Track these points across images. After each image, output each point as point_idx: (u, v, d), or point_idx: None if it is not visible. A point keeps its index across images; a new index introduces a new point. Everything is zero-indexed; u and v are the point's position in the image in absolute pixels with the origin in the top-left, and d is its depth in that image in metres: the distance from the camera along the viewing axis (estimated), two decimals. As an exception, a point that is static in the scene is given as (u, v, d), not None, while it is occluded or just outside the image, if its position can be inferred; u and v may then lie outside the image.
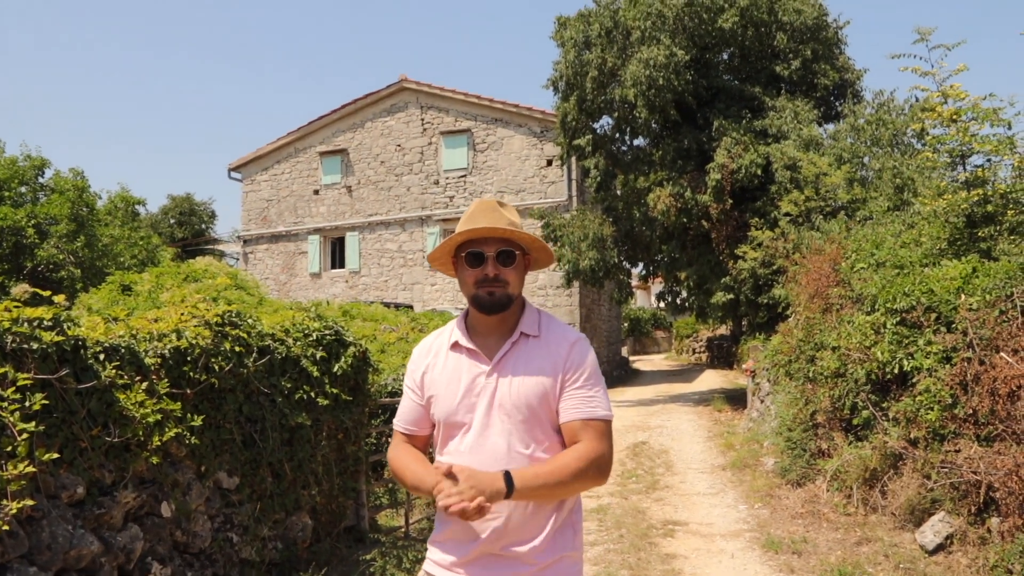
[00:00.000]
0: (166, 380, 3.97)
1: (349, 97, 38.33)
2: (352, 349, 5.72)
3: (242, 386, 4.70)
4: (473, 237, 2.10)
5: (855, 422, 7.29)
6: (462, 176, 23.93)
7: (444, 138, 24.22)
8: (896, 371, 6.73)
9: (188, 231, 44.94)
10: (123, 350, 3.78)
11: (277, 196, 26.58)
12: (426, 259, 2.32)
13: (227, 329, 4.65)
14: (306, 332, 5.49)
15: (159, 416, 3.76)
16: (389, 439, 7.77)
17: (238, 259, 28.20)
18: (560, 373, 2.08)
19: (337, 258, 26.07)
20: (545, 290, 22.53)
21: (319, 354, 5.40)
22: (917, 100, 14.68)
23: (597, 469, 2.03)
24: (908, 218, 9.85)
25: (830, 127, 17.07)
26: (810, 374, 8.24)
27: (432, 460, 2.16)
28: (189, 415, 4.01)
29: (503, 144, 23.54)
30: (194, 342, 4.31)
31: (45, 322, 3.21)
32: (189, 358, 4.25)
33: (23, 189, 24.06)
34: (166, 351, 4.11)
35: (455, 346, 2.16)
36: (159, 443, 3.73)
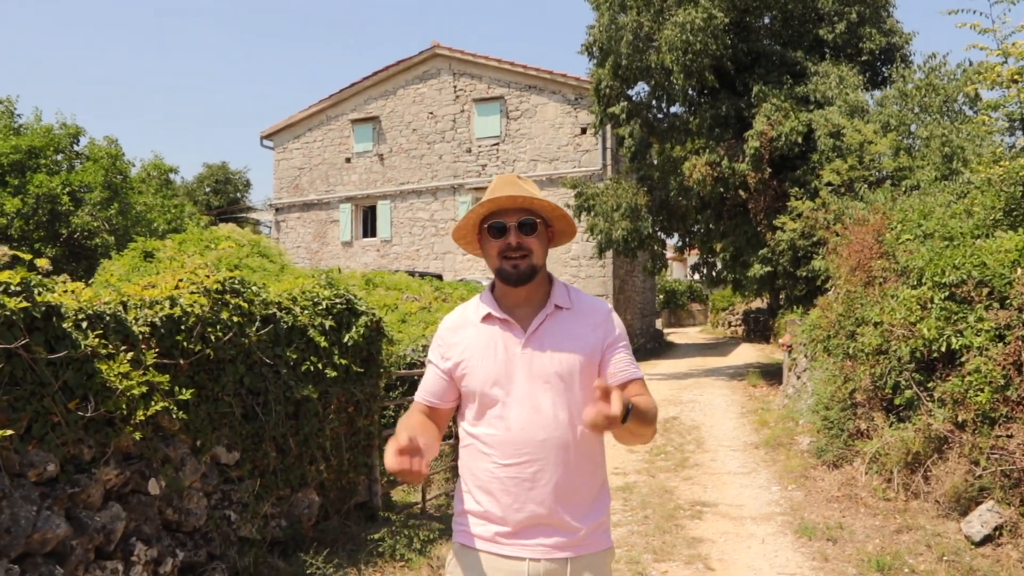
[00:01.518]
0: (154, 350, 3.73)
1: (381, 64, 38.01)
2: (364, 318, 5.46)
3: (243, 357, 4.46)
4: (494, 208, 2.12)
5: (897, 402, 6.89)
6: (495, 144, 23.53)
7: (477, 105, 23.80)
8: (943, 349, 6.30)
9: (223, 199, 45.24)
10: (108, 318, 3.55)
11: (309, 164, 26.42)
12: (451, 235, 2.19)
13: (227, 297, 4.40)
14: (315, 300, 5.23)
15: (145, 388, 3.53)
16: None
17: (271, 227, 28.19)
18: (603, 341, 2.13)
19: (369, 227, 25.91)
20: (578, 260, 22.16)
21: (328, 323, 5.14)
22: (971, 64, 13.98)
23: (656, 413, 2.12)
24: (959, 187, 9.31)
25: (876, 94, 16.35)
26: (850, 350, 7.83)
27: (451, 435, 2.08)
28: (177, 388, 3.76)
29: (536, 112, 23.07)
30: (189, 310, 4.06)
31: (12, 287, 2.97)
32: (183, 327, 4.01)
33: (59, 157, 24.17)
34: (157, 319, 3.86)
35: (487, 318, 2.15)
36: (143, 417, 3.49)
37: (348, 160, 25.77)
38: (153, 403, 3.56)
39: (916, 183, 11.92)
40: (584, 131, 22.27)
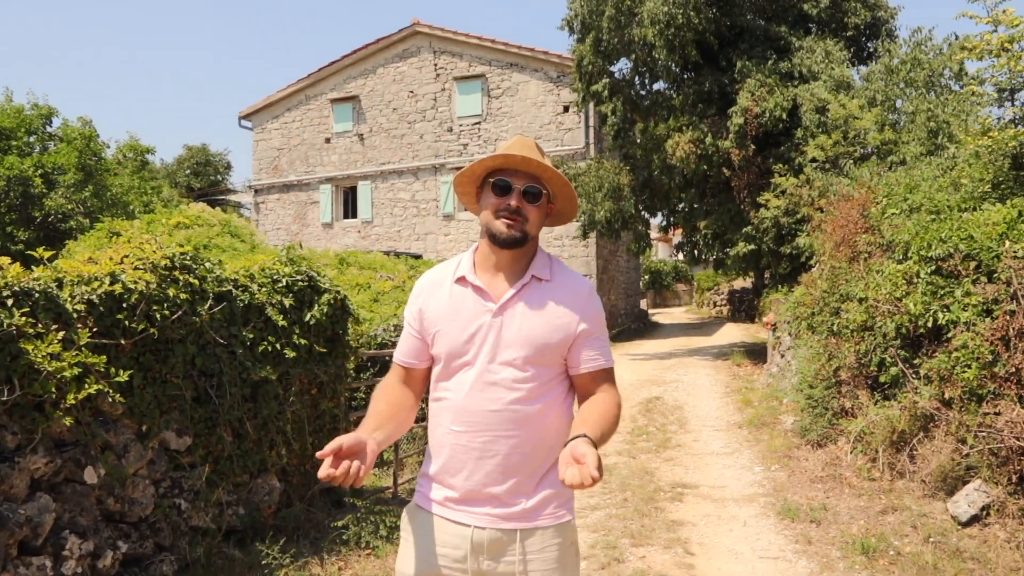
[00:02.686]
0: (88, 330, 3.47)
1: (360, 42, 37.33)
2: (327, 296, 5.20)
3: (194, 336, 4.21)
4: (506, 166, 2.05)
5: (882, 380, 6.72)
6: (476, 123, 23.19)
7: (458, 84, 23.43)
8: (929, 325, 6.12)
9: (204, 181, 44.67)
10: (37, 294, 3.28)
11: (288, 145, 25.99)
12: (454, 181, 2.03)
13: (176, 274, 4.14)
14: (274, 278, 4.97)
15: (78, 370, 3.27)
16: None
17: (251, 209, 27.78)
18: (577, 323, 2.05)
19: (349, 208, 25.54)
20: (561, 240, 21.91)
21: (287, 302, 4.88)
22: (957, 38, 13.81)
23: (619, 416, 2.07)
24: (945, 161, 9.13)
25: (861, 69, 16.13)
26: (834, 327, 7.64)
27: (424, 416, 2.19)
28: (114, 370, 3.51)
29: (518, 90, 22.73)
30: (132, 287, 3.80)
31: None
32: (125, 305, 3.74)
33: (31, 139, 23.63)
34: (95, 297, 3.60)
35: (461, 280, 2.09)
36: (75, 400, 3.23)
37: (328, 140, 25.37)
38: (86, 386, 3.30)
39: (902, 158, 11.74)
40: (567, 109, 21.96)
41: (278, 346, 4.71)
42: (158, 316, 3.88)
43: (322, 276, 5.37)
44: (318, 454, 1.80)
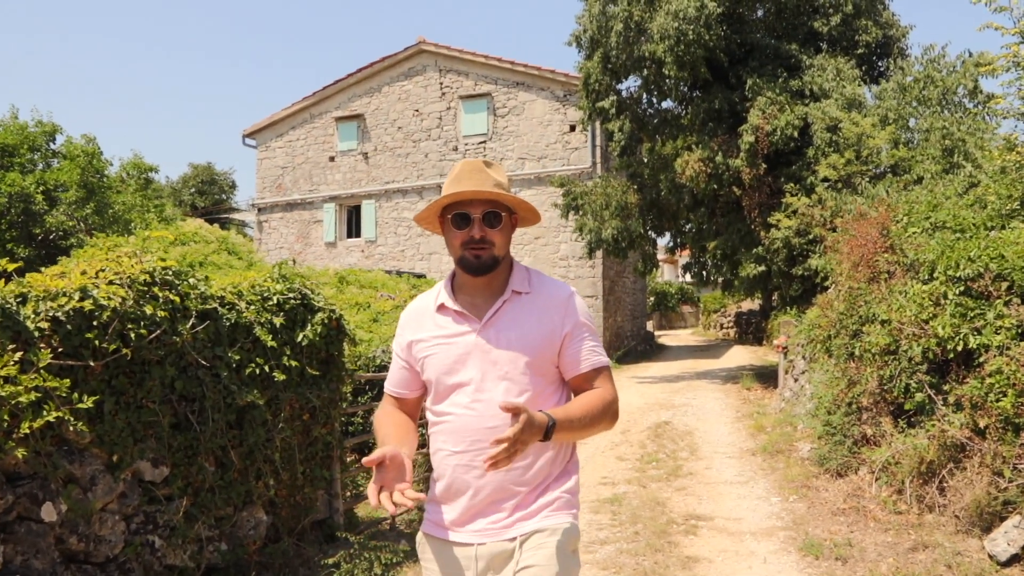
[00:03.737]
0: (51, 350, 3.15)
1: (366, 61, 37.18)
2: (321, 315, 4.89)
3: (174, 358, 3.89)
4: (459, 199, 2.08)
5: (907, 407, 6.37)
6: (482, 142, 22.97)
7: (463, 103, 23.24)
8: (959, 349, 5.78)
9: (209, 200, 44.57)
10: (-7, 311, 2.98)
11: (292, 163, 25.79)
12: (413, 219, 1.93)
13: (156, 290, 3.83)
14: (264, 295, 4.66)
15: (36, 395, 2.96)
16: (378, 418, 6.99)
17: (253, 228, 27.55)
18: (561, 327, 2.09)
19: (353, 227, 25.28)
20: (567, 260, 21.61)
21: (277, 321, 4.57)
22: (971, 55, 13.55)
23: (613, 412, 2.11)
24: (965, 179, 8.82)
25: (873, 88, 15.87)
26: (854, 351, 7.30)
27: (425, 443, 2.25)
28: (76, 395, 3.19)
29: (524, 109, 22.52)
30: (105, 303, 3.49)
31: None
32: (95, 323, 3.43)
33: (34, 156, 23.46)
34: (61, 314, 3.29)
35: (441, 308, 2.14)
36: (29, 429, 2.92)
37: (332, 159, 25.16)
38: (45, 413, 2.98)
39: (917, 177, 11.44)
40: (573, 128, 21.73)
41: (267, 368, 4.39)
42: (133, 336, 3.57)
43: (316, 294, 5.06)
44: (364, 461, 1.88)
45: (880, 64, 17.00)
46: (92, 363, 3.38)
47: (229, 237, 10.15)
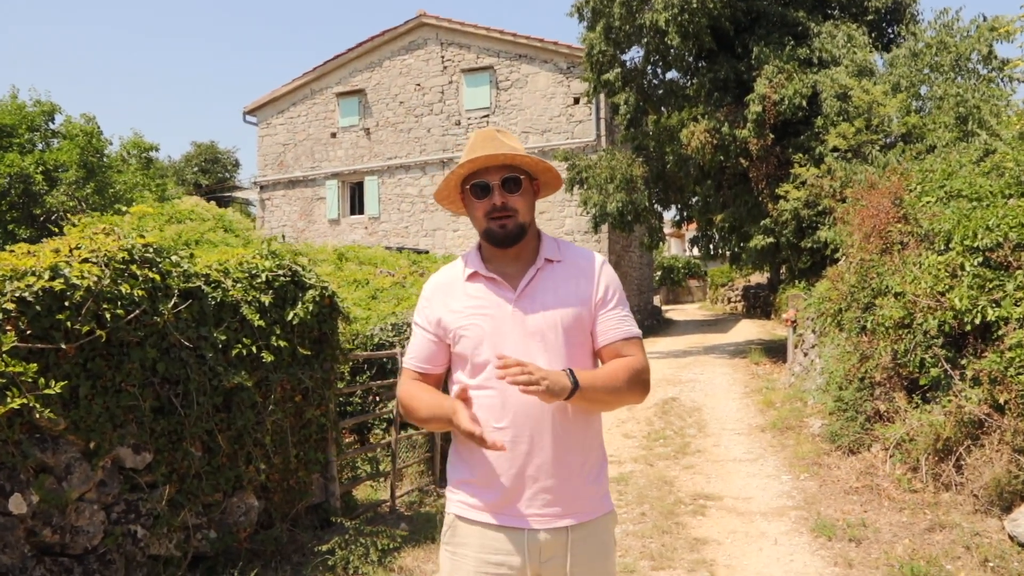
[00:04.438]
0: (14, 333, 2.97)
1: (366, 34, 36.58)
2: (312, 293, 4.70)
3: (156, 339, 3.71)
4: (475, 168, 2.04)
5: (922, 382, 6.16)
6: (485, 116, 22.65)
7: (465, 76, 22.90)
8: (977, 322, 5.56)
9: (212, 179, 44.36)
10: (-48, 291, 2.79)
11: (294, 140, 25.52)
12: (433, 197, 1.80)
13: (134, 268, 3.63)
14: (252, 272, 4.47)
15: (1, 381, 2.77)
16: (377, 397, 6.81)
17: (256, 206, 27.35)
18: (593, 295, 2.05)
19: (356, 204, 25.06)
20: (572, 235, 21.37)
21: (266, 299, 4.37)
22: (985, 19, 13.18)
23: (643, 382, 2.04)
24: (982, 145, 8.54)
25: (884, 55, 15.50)
26: (867, 324, 7.08)
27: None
28: (43, 380, 3.01)
29: (527, 82, 22.18)
30: (78, 282, 3.30)
31: None
32: (67, 303, 3.25)
33: (33, 136, 23.22)
34: (29, 294, 3.10)
35: (473, 276, 2.06)
36: (-9, 418, 2.74)
37: (334, 135, 24.88)
38: (9, 399, 2.80)
39: (930, 145, 11.16)
40: (577, 101, 21.40)
41: (254, 348, 4.20)
42: (109, 316, 3.38)
43: (307, 271, 4.87)
44: (489, 445, 1.82)
45: (890, 31, 16.62)
46: (64, 346, 3.20)
47: (226, 215, 9.96)
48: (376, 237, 23.86)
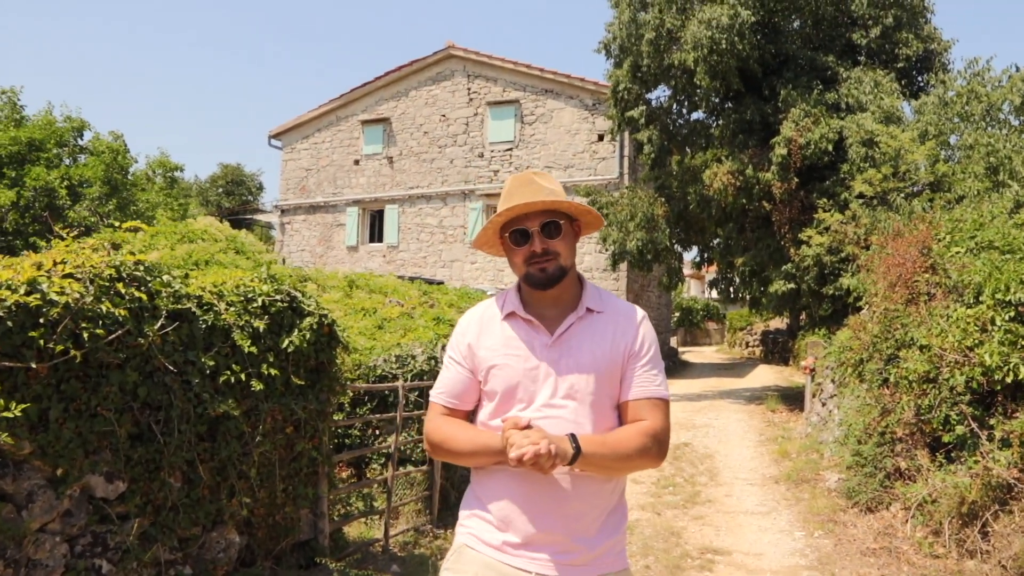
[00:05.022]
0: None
1: (393, 64, 36.82)
2: (309, 320, 4.52)
3: (139, 362, 3.53)
4: (514, 215, 2.01)
5: (946, 440, 5.87)
6: (508, 149, 22.63)
7: (491, 109, 22.93)
8: (1008, 380, 5.28)
9: (236, 201, 44.71)
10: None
11: (317, 165, 25.62)
12: (471, 245, 1.86)
13: (119, 286, 3.47)
14: (248, 296, 4.30)
15: (-43, 401, 2.60)
16: (377, 431, 6.60)
17: (276, 229, 27.41)
18: (627, 349, 2.01)
19: (376, 231, 25.02)
20: (591, 272, 21.17)
21: (260, 324, 4.20)
22: (1018, 70, 12.96)
23: (659, 447, 1.99)
24: (1015, 196, 8.30)
25: (912, 102, 15.29)
26: (890, 377, 6.81)
27: (424, 460, 2.42)
28: (2, 402, 2.83)
29: (552, 117, 22.16)
30: (56, 299, 3.14)
31: None
32: (42, 320, 3.08)
33: (61, 151, 23.48)
34: (1, 310, 2.94)
35: (511, 316, 2.03)
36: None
37: (356, 162, 24.95)
38: (-38, 421, 2.63)
39: (959, 196, 10.90)
40: (601, 138, 21.33)
41: (243, 376, 4.02)
42: (87, 336, 3.21)
43: (307, 297, 4.69)
44: (513, 435, 1.80)
45: (920, 79, 16.43)
46: (35, 365, 3.03)
47: (239, 236, 9.86)
48: (394, 266, 23.78)
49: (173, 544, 3.69)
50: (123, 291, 3.49)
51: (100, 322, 3.31)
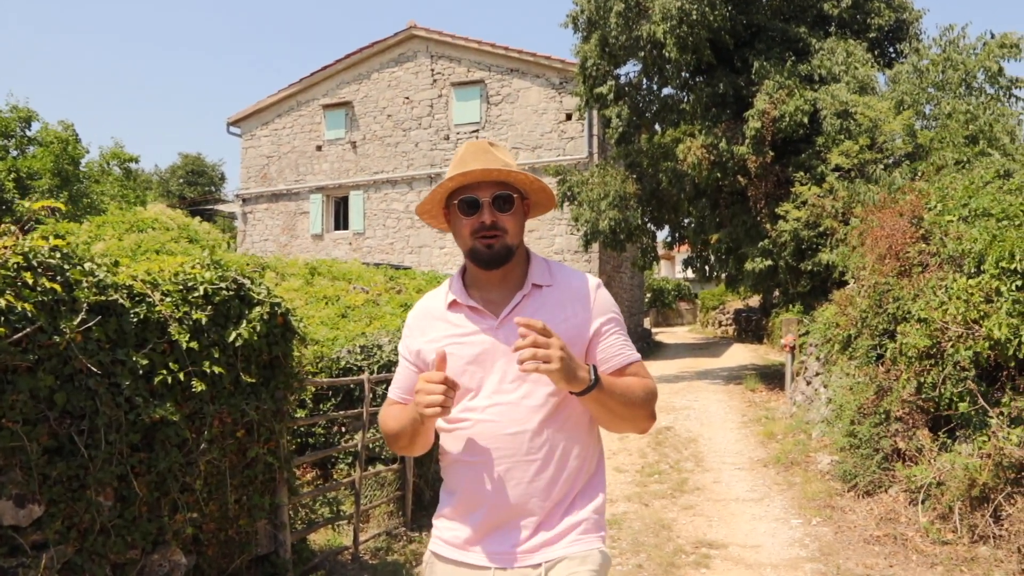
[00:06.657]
0: None
1: (354, 46, 35.78)
2: (259, 310, 4.02)
3: (55, 363, 3.03)
4: (466, 182, 1.89)
5: (951, 417, 5.53)
6: (474, 131, 22.08)
7: (455, 90, 22.34)
8: (1020, 355, 4.94)
9: (198, 191, 43.69)
10: None
11: (278, 152, 24.87)
12: (415, 211, 1.70)
13: (26, 276, 2.96)
14: (187, 285, 3.79)
15: None
16: (343, 428, 6.12)
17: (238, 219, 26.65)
18: (591, 320, 1.91)
19: (341, 219, 24.38)
20: (562, 254, 20.76)
21: (200, 316, 3.69)
22: (993, 36, 12.71)
23: (653, 405, 1.92)
24: (1000, 163, 7.99)
25: (886, 71, 15.02)
26: (886, 353, 6.46)
27: (394, 457, 2.59)
28: None
29: (519, 96, 21.65)
30: (-55, 293, 2.62)
31: None
32: (-73, 319, 2.57)
33: (8, 142, 22.51)
34: None
35: (453, 305, 1.94)
36: None
37: (319, 148, 24.24)
38: None
39: (939, 165, 10.61)
40: (569, 117, 20.87)
41: (182, 376, 3.52)
42: (-16, 336, 2.70)
43: (257, 284, 4.19)
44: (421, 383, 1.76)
45: (892, 49, 16.18)
46: (-82, 373, 2.52)
47: (191, 224, 9.30)
48: (360, 253, 23.18)
49: (105, 572, 3.20)
50: (32, 282, 2.98)
51: (2, 319, 2.81)
